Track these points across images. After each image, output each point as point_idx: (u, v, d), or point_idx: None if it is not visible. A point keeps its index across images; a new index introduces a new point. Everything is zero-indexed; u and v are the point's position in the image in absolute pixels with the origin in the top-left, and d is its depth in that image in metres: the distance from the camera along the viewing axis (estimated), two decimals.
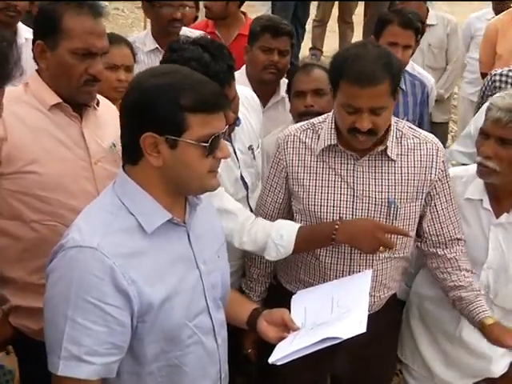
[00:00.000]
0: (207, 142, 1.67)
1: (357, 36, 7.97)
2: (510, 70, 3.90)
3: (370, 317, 2.00)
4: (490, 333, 2.36)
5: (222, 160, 1.78)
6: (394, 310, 2.71)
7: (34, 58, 2.26)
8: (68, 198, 2.16)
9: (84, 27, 2.17)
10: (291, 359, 1.93)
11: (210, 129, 1.68)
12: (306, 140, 2.45)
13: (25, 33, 3.43)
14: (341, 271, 2.44)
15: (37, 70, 2.29)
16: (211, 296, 1.87)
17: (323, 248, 2.41)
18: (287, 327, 2.06)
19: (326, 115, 2.48)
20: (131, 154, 1.73)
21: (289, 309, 2.16)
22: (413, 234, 2.49)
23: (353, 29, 8.15)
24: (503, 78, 3.90)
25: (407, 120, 3.66)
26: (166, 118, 1.64)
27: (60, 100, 2.23)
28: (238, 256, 2.67)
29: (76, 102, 2.27)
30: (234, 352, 2.60)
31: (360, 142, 2.27)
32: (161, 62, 2.39)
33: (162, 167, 1.69)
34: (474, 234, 2.58)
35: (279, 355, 1.95)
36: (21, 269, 2.24)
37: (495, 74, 3.91)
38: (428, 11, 5.27)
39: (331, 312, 2.08)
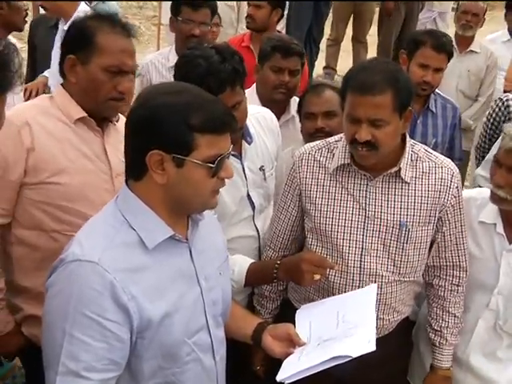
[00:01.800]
0: (213, 163, 1.67)
1: (370, 55, 7.99)
2: None
3: (378, 340, 1.98)
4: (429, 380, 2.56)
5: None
6: (404, 333, 2.67)
7: (61, 71, 2.31)
8: (89, 209, 2.17)
9: (117, 45, 2.24)
10: (300, 377, 1.90)
11: (217, 150, 1.68)
12: (321, 158, 2.45)
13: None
14: (349, 291, 2.40)
15: (62, 85, 2.34)
16: (211, 313, 1.86)
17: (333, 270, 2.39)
18: (293, 342, 2.04)
19: (341, 135, 2.46)
20: (135, 170, 1.72)
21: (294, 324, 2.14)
22: (424, 258, 2.47)
23: (367, 48, 8.17)
24: None
25: (436, 142, 3.71)
26: (175, 137, 1.64)
27: (85, 114, 2.29)
28: None
29: (100, 117, 2.32)
30: (242, 369, 2.58)
31: (361, 155, 2.26)
32: (178, 59, 2.44)
33: (166, 185, 1.68)
34: (486, 258, 2.55)
35: (287, 373, 1.92)
36: (36, 278, 2.25)
37: (508, 99, 3.91)
38: (473, 38, 5.28)
39: (337, 327, 2.06)
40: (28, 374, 2.01)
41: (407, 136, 2.40)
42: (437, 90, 3.89)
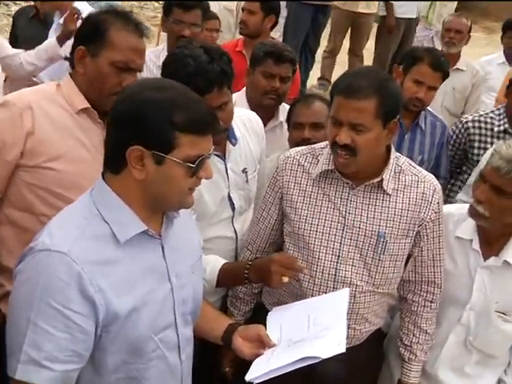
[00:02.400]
0: (193, 163, 1.67)
1: None
2: (480, 116, 3.97)
3: (349, 350, 1.97)
4: None
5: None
6: (375, 345, 2.67)
7: (71, 61, 2.34)
8: None
9: (128, 42, 2.28)
10: (268, 378, 1.90)
11: (198, 150, 1.68)
12: (305, 164, 2.46)
13: None
14: None
15: (70, 74, 2.37)
16: (180, 311, 1.84)
17: (308, 274, 2.40)
18: (263, 343, 2.03)
19: (327, 142, 2.46)
20: (114, 163, 1.72)
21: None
22: (400, 270, 2.47)
23: (362, 62, 8.18)
24: (476, 124, 3.96)
25: (422, 159, 3.72)
26: (157, 134, 1.63)
27: (89, 105, 2.31)
28: None
29: (103, 109, 2.31)
30: (210, 369, 2.57)
31: (340, 161, 2.26)
32: (166, 57, 2.44)
33: (144, 181, 1.67)
34: (460, 273, 2.55)
35: (256, 373, 1.92)
36: None
37: (467, 122, 3.99)
38: (459, 56, 5.35)
39: (308, 329, 2.06)
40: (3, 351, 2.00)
41: (392, 148, 2.40)
42: (428, 108, 3.90)
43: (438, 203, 2.41)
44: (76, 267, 1.60)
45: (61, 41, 4.02)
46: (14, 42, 5.01)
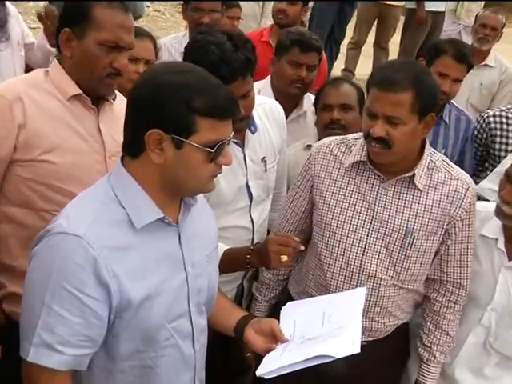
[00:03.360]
0: (213, 148, 1.64)
1: None
2: (502, 111, 3.90)
3: (372, 343, 1.95)
4: None
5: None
6: (399, 340, 2.63)
7: (57, 46, 2.24)
8: (80, 190, 2.11)
9: (115, 20, 2.17)
10: (280, 374, 1.87)
11: (218, 135, 1.65)
12: (338, 153, 2.44)
13: (11, 10, 3.58)
14: (347, 289, 2.38)
15: (58, 59, 2.28)
16: (195, 300, 1.82)
17: (334, 265, 2.39)
18: (275, 338, 2.00)
19: (361, 133, 2.43)
20: (133, 147, 1.69)
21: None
22: (426, 268, 2.44)
23: (387, 55, 8.11)
24: (497, 119, 3.89)
25: (445, 153, 3.64)
26: (176, 118, 1.61)
27: (80, 91, 2.22)
28: None
29: (95, 94, 2.26)
30: (228, 362, 2.55)
31: (374, 151, 2.24)
32: (187, 43, 2.38)
33: (163, 165, 1.65)
34: (484, 272, 2.51)
35: (268, 368, 1.89)
36: (22, 257, 2.20)
37: (488, 116, 3.92)
38: (489, 52, 5.23)
39: (322, 327, 2.03)
40: (5, 351, 1.98)
41: (427, 143, 2.36)
42: (452, 101, 3.84)
43: (469, 203, 2.36)
44: (92, 252, 1.58)
45: (47, 36, 3.81)
46: None
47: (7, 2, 3.70)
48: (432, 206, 2.33)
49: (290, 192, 2.59)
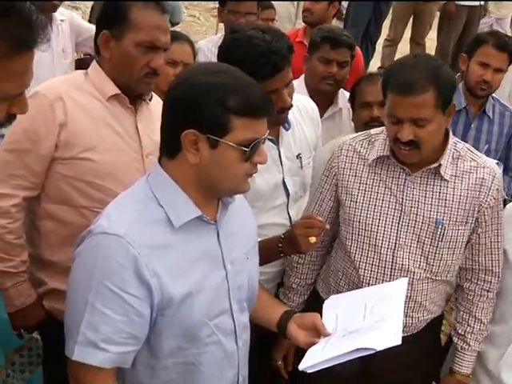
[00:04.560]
0: (248, 147, 1.65)
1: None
2: None
3: (407, 339, 1.93)
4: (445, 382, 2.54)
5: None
6: (434, 334, 2.63)
7: (96, 47, 2.30)
8: (119, 187, 2.16)
9: (151, 21, 2.22)
10: (322, 367, 1.87)
11: (253, 134, 1.66)
12: (361, 150, 2.43)
13: (59, 15, 3.67)
14: None
15: (96, 61, 2.34)
16: (236, 297, 1.83)
17: (365, 262, 2.38)
18: (318, 332, 2.00)
19: (383, 127, 2.43)
20: (169, 148, 1.71)
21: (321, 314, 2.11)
22: (459, 258, 2.42)
23: (424, 51, 7.98)
24: None
25: (488, 149, 3.63)
26: (212, 118, 1.62)
27: (119, 91, 2.28)
28: (273, 264, 2.59)
29: (133, 94, 2.31)
30: (265, 362, 2.55)
31: (403, 154, 2.24)
32: (222, 42, 2.40)
33: (199, 165, 1.66)
34: None
35: (310, 362, 1.89)
36: (62, 253, 2.27)
37: None
38: None
39: (363, 319, 2.02)
40: (47, 348, 2.02)
41: (450, 133, 2.35)
42: (496, 96, 3.79)
43: (497, 189, 2.35)
44: (132, 251, 1.61)
45: None
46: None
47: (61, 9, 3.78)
48: (460, 195, 2.32)
49: (315, 192, 2.57)
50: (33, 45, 1.40)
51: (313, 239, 2.22)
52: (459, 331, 2.51)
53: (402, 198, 2.33)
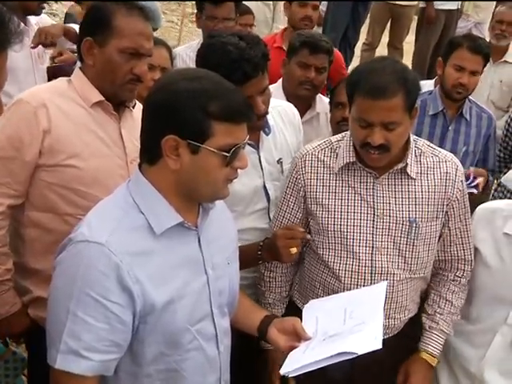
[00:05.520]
0: (228, 152, 1.66)
1: (406, 63, 7.86)
2: None
3: (390, 340, 1.94)
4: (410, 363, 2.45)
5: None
6: (414, 332, 2.60)
7: (79, 55, 2.31)
8: (103, 194, 2.14)
9: (135, 27, 2.24)
10: (303, 372, 1.88)
11: (233, 139, 1.67)
12: (325, 158, 2.43)
13: (32, 19, 3.66)
14: None
15: (80, 68, 2.34)
16: (217, 302, 1.84)
17: (344, 269, 2.38)
18: (298, 336, 2.02)
19: (343, 134, 2.46)
20: (149, 154, 1.72)
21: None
22: (434, 253, 2.46)
23: (402, 55, 8.09)
24: None
25: (466, 151, 3.67)
26: (192, 123, 1.63)
27: (102, 98, 2.29)
28: (253, 270, 2.61)
29: (117, 101, 2.32)
30: (248, 360, 2.56)
31: (372, 158, 2.25)
32: (200, 48, 2.40)
33: (179, 171, 1.67)
34: (508, 270, 2.45)
35: (291, 367, 1.90)
36: (46, 261, 2.23)
37: None
38: (508, 48, 5.20)
39: (344, 323, 2.04)
40: (32, 356, 2.00)
41: (409, 132, 2.37)
42: (473, 99, 3.83)
43: (461, 181, 2.41)
44: (114, 258, 1.61)
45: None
46: None
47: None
48: (428, 191, 2.35)
49: (281, 206, 2.52)
50: (6, 45, 1.40)
51: (294, 250, 2.24)
52: (429, 311, 2.52)
53: (373, 202, 2.35)
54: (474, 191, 3.32)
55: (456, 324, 2.58)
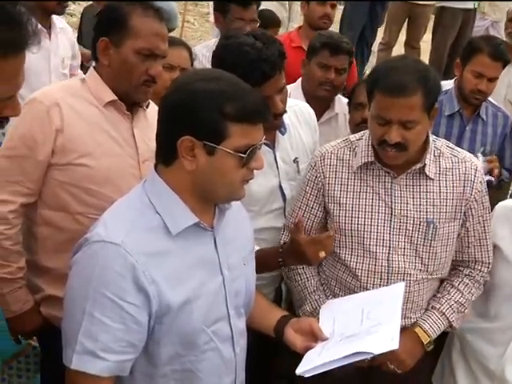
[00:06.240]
0: (244, 153, 1.65)
1: None
2: None
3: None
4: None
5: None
6: None
7: (93, 54, 2.31)
8: (115, 193, 2.16)
9: (151, 28, 2.23)
10: (319, 372, 1.87)
11: (249, 140, 1.66)
12: (343, 157, 2.43)
13: (58, 22, 3.68)
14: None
15: (94, 67, 2.34)
16: (233, 303, 1.83)
17: (361, 268, 2.37)
18: (315, 337, 2.01)
19: (362, 132, 2.45)
20: (165, 155, 1.71)
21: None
22: (452, 254, 2.43)
23: (419, 54, 8.01)
24: None
25: (484, 151, 3.63)
26: (208, 124, 1.62)
27: (116, 97, 2.28)
28: None
29: (130, 101, 2.31)
30: (267, 366, 2.55)
31: (389, 156, 2.24)
32: (216, 48, 2.39)
33: (195, 171, 1.66)
34: None
35: (307, 367, 1.89)
36: (58, 259, 2.27)
37: None
38: None
39: (361, 324, 2.02)
40: (44, 354, 2.01)
41: (429, 132, 2.36)
42: (489, 98, 3.80)
43: (480, 182, 2.38)
44: (130, 259, 1.60)
45: None
46: (79, 37, 5.13)
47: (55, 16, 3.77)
48: (446, 192, 2.34)
49: (300, 205, 2.50)
50: (24, 46, 1.40)
51: (322, 253, 2.21)
52: (437, 295, 2.48)
53: (391, 202, 2.34)
54: (491, 178, 3.32)
55: (471, 322, 2.58)
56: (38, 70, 3.57)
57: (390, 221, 2.34)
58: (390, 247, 2.34)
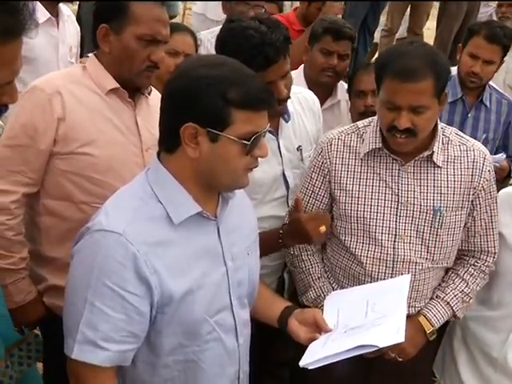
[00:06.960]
0: (248, 140, 1.63)
1: None
2: None
3: None
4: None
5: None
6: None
7: (94, 42, 2.28)
8: (118, 182, 2.13)
9: (151, 14, 2.20)
10: (323, 364, 1.86)
11: (253, 127, 1.64)
12: (351, 143, 2.40)
13: (65, 10, 3.64)
14: (382, 279, 2.35)
15: (95, 54, 2.31)
16: (236, 293, 1.82)
17: (366, 256, 2.36)
18: (319, 328, 1.99)
19: (370, 119, 2.43)
20: (168, 142, 1.69)
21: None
22: (458, 243, 2.42)
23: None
24: None
25: (486, 138, 3.63)
26: (211, 111, 1.60)
27: (118, 85, 2.26)
28: (273, 258, 2.58)
29: (132, 87, 2.29)
30: (267, 354, 2.54)
31: (398, 142, 2.21)
32: (219, 32, 2.37)
33: (198, 159, 1.64)
34: None
35: (311, 359, 1.88)
36: (62, 248, 2.25)
37: None
38: None
39: (365, 316, 2.01)
40: (47, 344, 2.01)
41: (438, 119, 2.33)
42: (493, 85, 3.76)
43: (489, 171, 2.36)
44: (132, 248, 1.59)
45: None
46: (78, 24, 5.08)
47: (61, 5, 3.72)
48: (454, 180, 2.32)
49: (306, 191, 2.48)
50: (21, 32, 1.39)
51: (323, 228, 2.22)
52: (442, 284, 2.47)
53: (398, 189, 2.32)
54: (497, 164, 3.32)
55: (473, 310, 2.56)
56: (47, 59, 3.54)
57: (397, 208, 2.32)
58: (396, 235, 2.33)
